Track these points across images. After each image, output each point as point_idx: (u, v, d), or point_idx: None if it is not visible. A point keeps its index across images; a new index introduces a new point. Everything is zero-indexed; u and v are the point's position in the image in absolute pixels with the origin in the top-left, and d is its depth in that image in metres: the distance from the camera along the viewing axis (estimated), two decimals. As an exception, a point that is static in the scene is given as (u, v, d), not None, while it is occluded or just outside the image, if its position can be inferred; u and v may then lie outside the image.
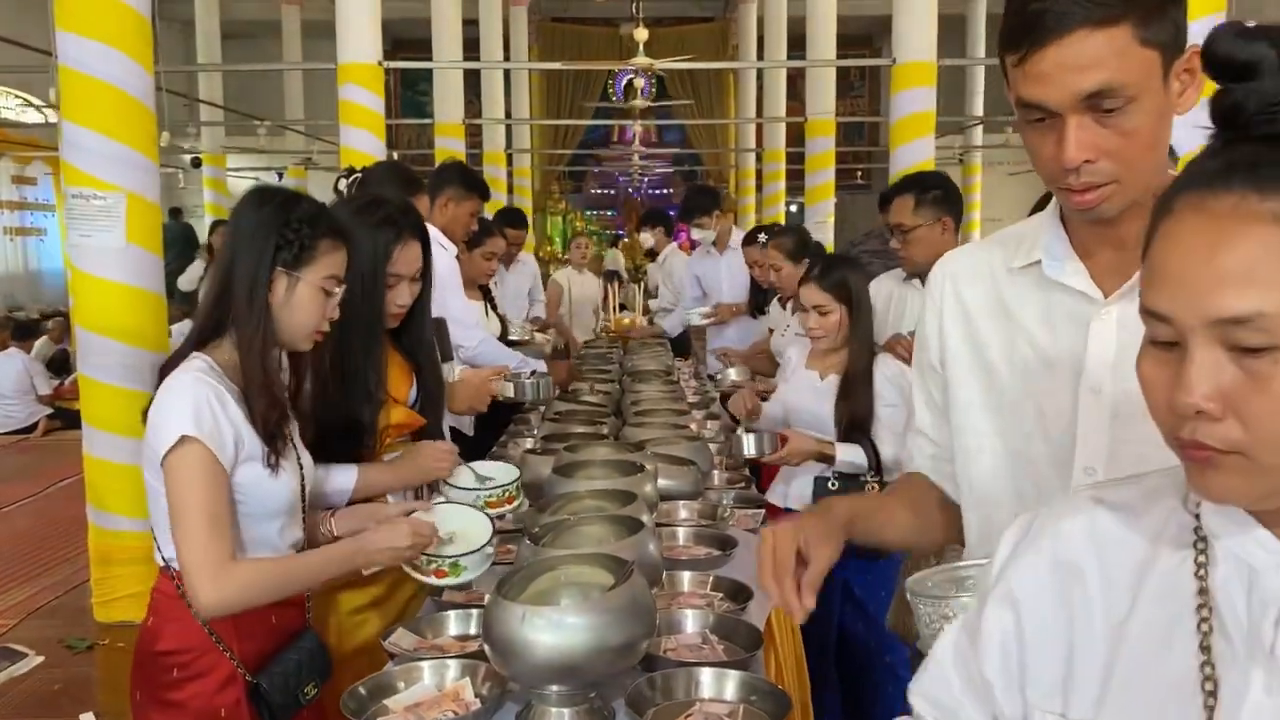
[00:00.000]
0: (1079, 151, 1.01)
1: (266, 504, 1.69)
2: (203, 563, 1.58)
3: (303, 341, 1.74)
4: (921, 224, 2.87)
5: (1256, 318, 0.64)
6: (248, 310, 1.65)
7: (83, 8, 3.66)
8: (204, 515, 1.59)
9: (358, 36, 5.99)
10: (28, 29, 7.68)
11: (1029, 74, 1.02)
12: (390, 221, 2.05)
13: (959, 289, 1.27)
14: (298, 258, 1.68)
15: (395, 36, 14.55)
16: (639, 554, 1.65)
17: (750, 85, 14.01)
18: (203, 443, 1.57)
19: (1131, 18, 0.98)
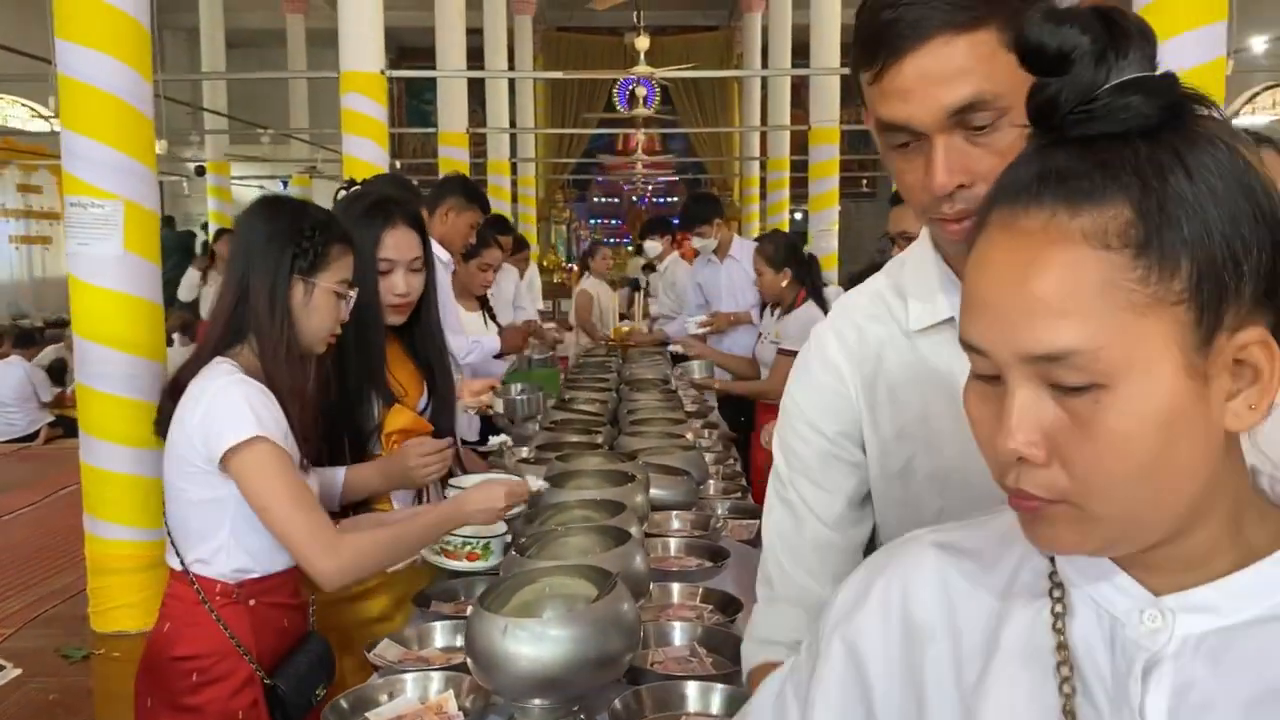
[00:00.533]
0: (950, 175, 0.89)
1: None
2: (314, 539, 1.66)
3: (318, 345, 1.81)
4: None
5: (1071, 354, 0.55)
6: (270, 318, 1.72)
7: (81, 16, 3.66)
8: (297, 501, 1.66)
9: (360, 45, 5.99)
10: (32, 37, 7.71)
11: (887, 91, 0.90)
12: (378, 207, 2.06)
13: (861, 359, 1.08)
14: (313, 264, 1.75)
15: (400, 45, 14.60)
16: (625, 565, 1.64)
17: (754, 93, 14.01)
18: (268, 438, 1.65)
19: (996, 20, 0.87)
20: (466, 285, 3.98)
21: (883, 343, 1.08)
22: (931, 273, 1.04)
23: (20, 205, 12.26)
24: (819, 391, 1.11)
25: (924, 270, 1.05)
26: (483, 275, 4.05)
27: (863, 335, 1.09)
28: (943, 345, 1.03)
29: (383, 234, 2.05)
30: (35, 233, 12.52)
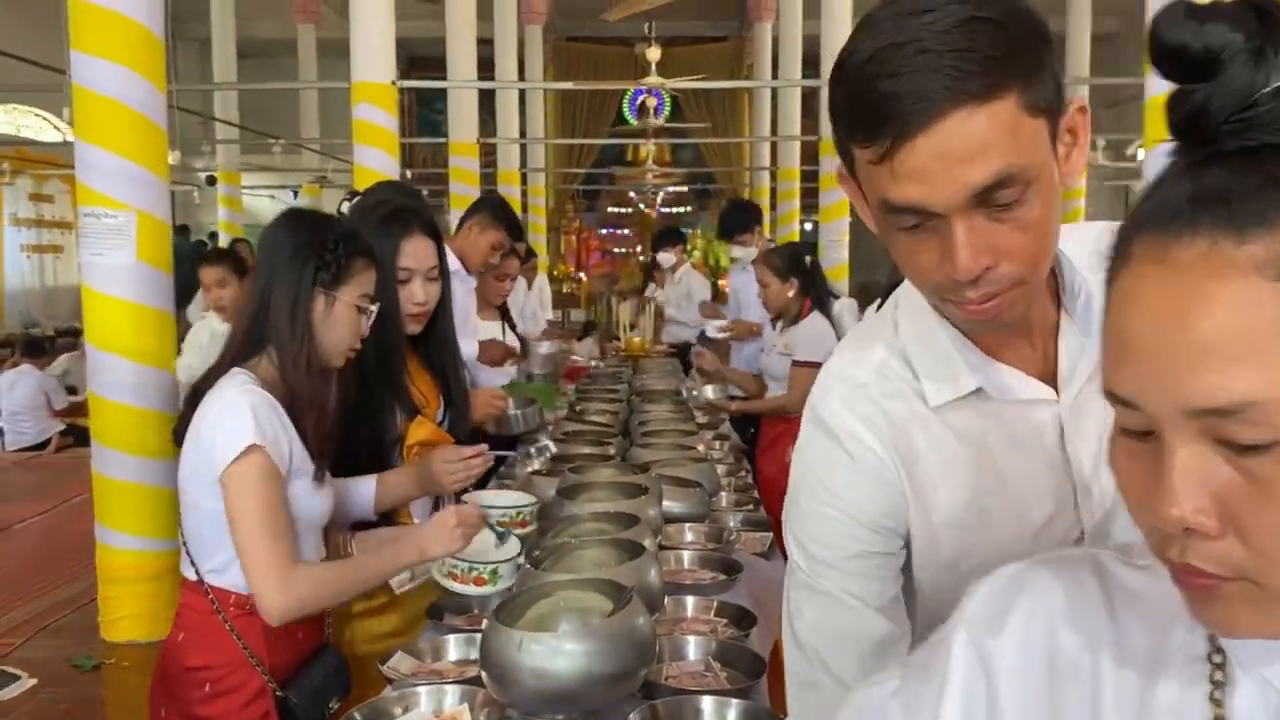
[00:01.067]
0: (976, 260, 0.80)
1: (306, 519, 1.75)
2: (270, 567, 1.63)
3: (337, 359, 1.81)
4: None
5: (1247, 407, 0.47)
6: (290, 330, 1.72)
7: (96, 28, 3.68)
8: (267, 521, 1.63)
9: (372, 56, 6.01)
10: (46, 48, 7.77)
11: (900, 173, 0.79)
12: (397, 215, 2.05)
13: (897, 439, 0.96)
14: (335, 277, 1.75)
15: (411, 55, 14.64)
16: (639, 579, 1.63)
17: (765, 104, 14.03)
18: (266, 451, 1.63)
19: (1014, 84, 0.77)
20: (483, 294, 3.97)
21: (908, 422, 0.97)
22: (943, 344, 0.95)
23: (32, 214, 12.32)
24: (859, 476, 0.97)
25: (932, 343, 0.96)
26: (499, 285, 4.01)
27: (888, 416, 0.97)
28: (973, 419, 0.95)
29: (401, 243, 2.04)
30: (47, 242, 12.58)
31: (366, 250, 1.81)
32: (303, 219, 1.83)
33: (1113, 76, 11.83)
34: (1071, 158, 0.85)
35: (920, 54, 0.76)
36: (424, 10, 10.54)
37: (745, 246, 5.15)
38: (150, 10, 3.75)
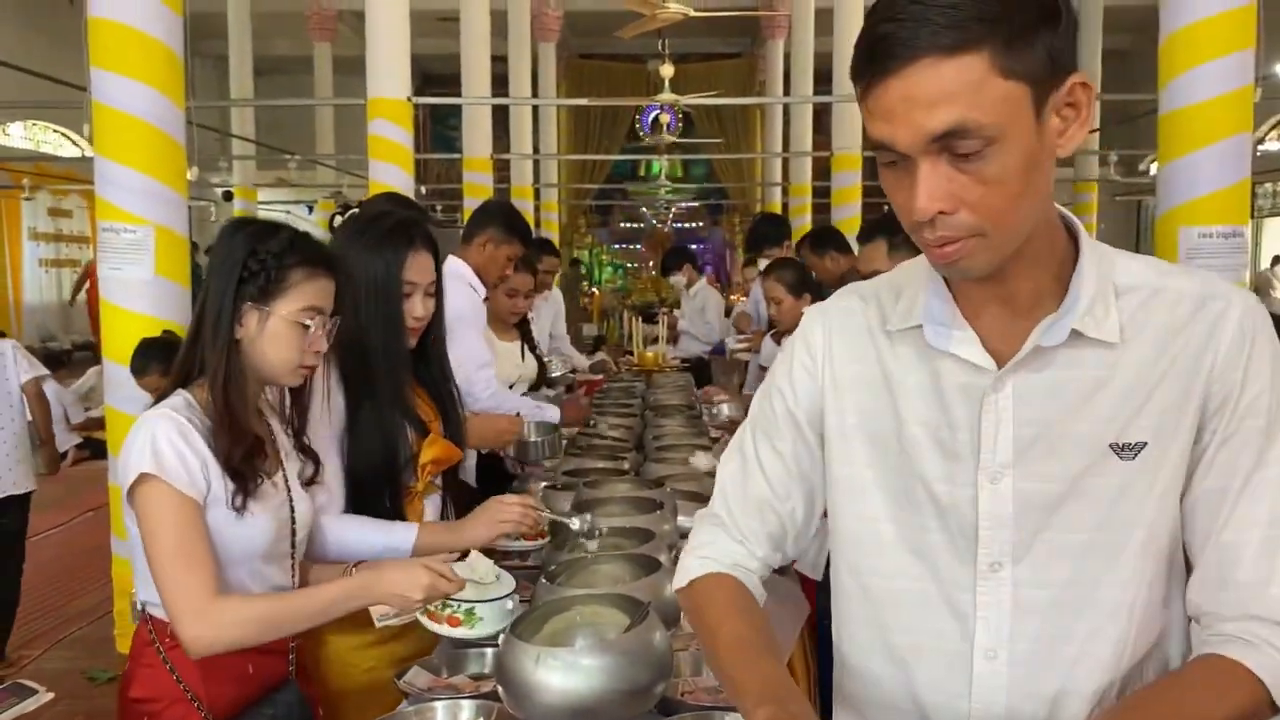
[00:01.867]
0: (930, 201, 0.87)
1: (234, 549, 1.62)
2: (184, 600, 1.52)
3: (286, 377, 1.68)
4: None
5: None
6: (213, 346, 1.61)
7: (116, 45, 3.72)
8: (177, 551, 1.53)
9: (387, 73, 6.06)
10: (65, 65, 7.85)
11: (873, 110, 0.88)
12: (401, 228, 2.00)
13: (833, 349, 1.10)
14: (265, 290, 1.61)
15: (425, 72, 14.75)
16: (656, 594, 1.63)
17: (776, 120, 14.07)
18: (164, 479, 1.52)
19: (990, 44, 0.83)
20: (497, 313, 3.78)
21: (863, 333, 1.08)
22: (922, 284, 1.04)
23: (51, 229, 12.42)
24: (791, 366, 1.13)
25: (915, 281, 1.06)
26: (511, 302, 3.84)
27: (847, 326, 1.10)
28: (914, 356, 1.04)
29: (407, 256, 1.98)
30: (65, 256, 12.68)
31: (312, 259, 1.65)
32: (240, 228, 1.68)
33: (1124, 92, 11.82)
34: (1069, 131, 0.90)
35: (915, 4, 0.84)
36: (439, 28, 10.63)
37: None
38: (169, 28, 3.79)
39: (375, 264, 1.94)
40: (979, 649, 1.01)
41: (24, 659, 4.35)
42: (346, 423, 1.93)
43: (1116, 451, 0.96)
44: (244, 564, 1.64)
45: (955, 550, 1.01)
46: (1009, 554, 0.99)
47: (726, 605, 1.10)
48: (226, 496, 1.59)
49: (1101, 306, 0.96)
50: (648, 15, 7.78)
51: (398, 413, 1.96)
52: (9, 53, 7.75)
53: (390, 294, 1.95)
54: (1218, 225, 3.99)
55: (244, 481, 1.61)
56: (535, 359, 4.07)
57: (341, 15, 14.07)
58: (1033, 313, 0.98)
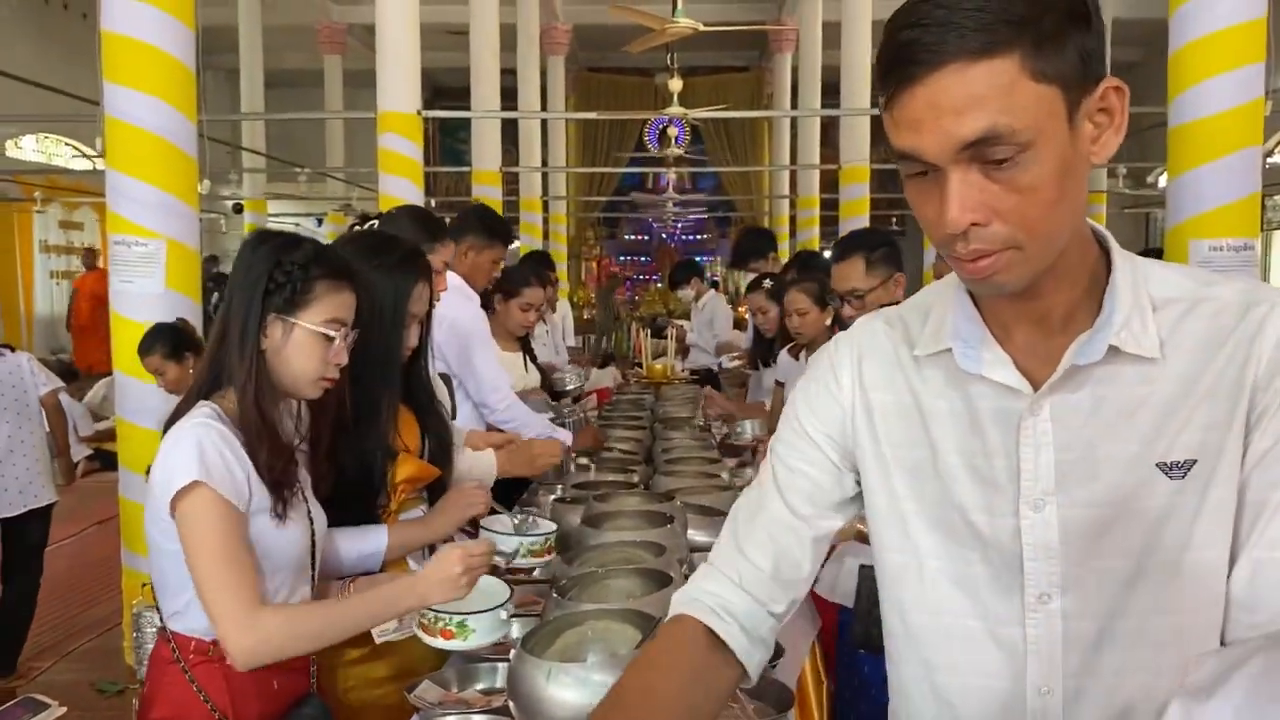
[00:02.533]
0: (963, 213, 0.83)
1: (274, 558, 1.62)
2: (230, 607, 1.51)
3: (307, 389, 1.68)
4: (876, 285, 2.67)
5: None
6: (239, 357, 1.61)
7: (129, 60, 3.75)
8: (224, 560, 1.52)
9: (397, 86, 6.10)
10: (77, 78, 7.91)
11: (898, 119, 0.85)
12: (410, 260, 2.03)
13: (864, 376, 1.05)
14: (291, 301, 1.62)
15: (435, 85, 14.82)
16: (667, 609, 1.62)
17: (784, 133, 14.10)
18: (212, 487, 1.52)
19: (1020, 46, 0.80)
20: (506, 325, 3.84)
21: (889, 360, 1.04)
22: (949, 305, 1.00)
23: (62, 241, 12.49)
24: (814, 391, 1.09)
25: (942, 302, 1.01)
26: (523, 315, 3.87)
27: (873, 351, 1.06)
28: (943, 382, 1.00)
29: (413, 289, 2.01)
30: (76, 268, 12.74)
31: (335, 271, 1.67)
32: (264, 240, 1.69)
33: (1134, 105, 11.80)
34: (1103, 138, 0.87)
35: (939, 8, 0.81)
36: (448, 41, 10.67)
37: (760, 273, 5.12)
38: (182, 42, 3.81)
39: (384, 291, 1.95)
40: (1031, 686, 0.96)
41: (34, 671, 4.36)
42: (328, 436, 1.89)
43: (1164, 471, 0.92)
44: (280, 574, 1.64)
45: (1000, 583, 0.96)
46: (1057, 584, 0.94)
47: (649, 655, 1.08)
48: (269, 505, 1.61)
49: (1139, 320, 0.92)
50: (656, 30, 7.81)
51: (380, 437, 1.95)
52: (23, 67, 7.80)
53: (395, 322, 1.97)
54: (1228, 238, 3.99)
55: (281, 490, 1.62)
56: (537, 370, 4.09)
57: (352, 29, 14.15)
58: (1066, 330, 0.94)
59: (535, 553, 2.06)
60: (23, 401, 4.40)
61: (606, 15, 9.05)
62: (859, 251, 2.70)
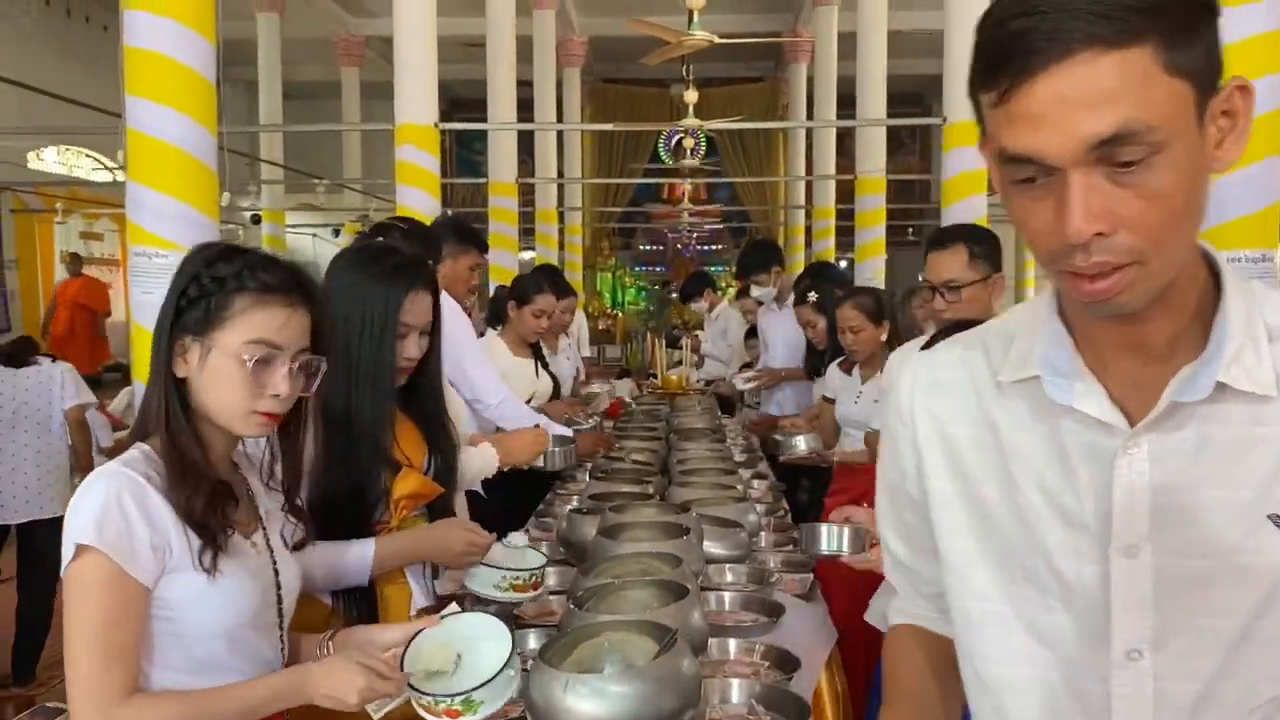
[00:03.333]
0: (1088, 221, 0.75)
1: (206, 620, 1.39)
2: (88, 696, 1.30)
3: (239, 423, 1.42)
4: (977, 279, 2.49)
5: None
6: (152, 385, 1.42)
7: (151, 74, 3.79)
8: (94, 643, 1.30)
9: (415, 99, 6.13)
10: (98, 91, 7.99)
11: (1014, 115, 0.76)
12: (403, 269, 1.97)
13: (932, 405, 0.98)
14: (205, 319, 1.39)
15: (452, 97, 14.89)
16: (684, 621, 1.63)
17: (800, 143, 14.10)
18: (102, 551, 1.30)
19: (1153, 36, 0.73)
20: (518, 332, 3.94)
21: (963, 389, 0.96)
22: (1038, 328, 0.91)
23: (83, 252, 12.59)
24: (889, 430, 1.05)
25: (1031, 326, 0.92)
26: (535, 322, 3.95)
27: (941, 375, 0.99)
28: (1027, 413, 0.91)
29: (405, 298, 1.93)
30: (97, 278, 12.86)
31: (266, 286, 1.41)
32: (196, 251, 1.47)
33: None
34: (1225, 143, 0.80)
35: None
36: (465, 54, 10.73)
37: (763, 286, 5.11)
38: (203, 56, 3.85)
39: (374, 301, 1.90)
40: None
41: (52, 679, 4.38)
42: (317, 454, 1.85)
43: (1278, 524, 0.82)
44: (221, 637, 1.41)
45: (1083, 634, 0.88)
46: (1149, 640, 0.85)
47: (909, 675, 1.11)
48: (192, 557, 1.36)
49: (1252, 353, 0.83)
50: (672, 42, 7.84)
51: (374, 450, 1.90)
52: (45, 80, 7.88)
53: (385, 333, 1.90)
54: (1246, 250, 3.96)
55: (210, 534, 1.38)
56: (549, 376, 4.12)
57: (369, 41, 14.24)
58: (1169, 361, 0.85)
59: (518, 587, 1.97)
60: (45, 413, 4.43)
61: (622, 27, 9.09)
62: (962, 240, 2.52)
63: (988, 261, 2.52)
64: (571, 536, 2.46)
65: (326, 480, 1.86)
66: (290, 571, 1.55)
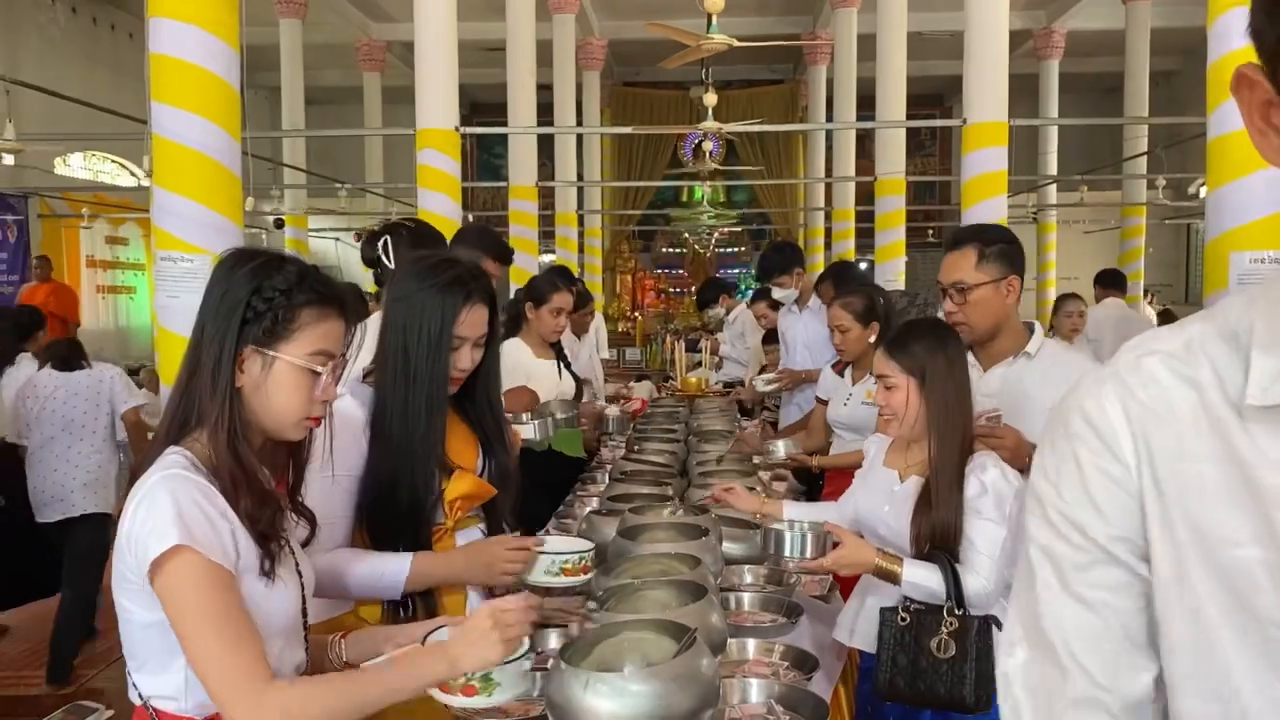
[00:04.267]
0: None
1: (267, 622, 1.40)
2: (239, 690, 1.30)
3: (290, 430, 1.48)
4: (986, 281, 2.41)
5: None
6: (211, 395, 1.41)
7: (176, 80, 3.83)
8: (223, 632, 1.31)
9: (436, 103, 6.17)
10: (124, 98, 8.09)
11: None
12: (459, 282, 1.96)
13: (1152, 443, 0.72)
14: (272, 332, 1.43)
15: (473, 101, 14.97)
16: (703, 621, 1.64)
17: (820, 145, 14.09)
18: (197, 550, 1.31)
19: None
20: (539, 333, 3.93)
21: (1195, 415, 0.71)
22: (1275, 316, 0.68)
23: (109, 257, 12.73)
24: (1086, 474, 0.75)
25: (1265, 314, 0.70)
26: (554, 320, 3.92)
27: (1165, 397, 0.72)
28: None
29: (461, 310, 1.93)
30: (121, 283, 12.99)
31: (322, 298, 1.47)
32: (242, 259, 1.47)
33: (1173, 114, 11.69)
34: None
35: None
36: (486, 58, 10.79)
37: (785, 289, 5.09)
38: (227, 63, 3.89)
39: (430, 312, 1.91)
40: None
41: (82, 677, 4.45)
42: (368, 464, 1.87)
43: None
44: (274, 640, 1.42)
45: None
46: None
47: None
48: (257, 563, 1.39)
49: None
50: (691, 46, 7.85)
51: (427, 456, 1.90)
52: (72, 87, 7.99)
53: (440, 345, 1.90)
54: (1270, 250, 3.94)
55: (270, 544, 1.41)
56: (572, 377, 4.09)
57: (391, 46, 14.34)
58: None
59: (569, 571, 1.96)
60: (92, 415, 4.50)
61: (642, 31, 9.12)
62: (974, 242, 2.46)
63: (1001, 263, 2.45)
64: (591, 537, 2.47)
65: (383, 486, 1.87)
66: (311, 573, 1.55)
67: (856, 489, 2.36)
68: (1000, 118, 6.16)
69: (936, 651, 1.93)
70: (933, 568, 1.99)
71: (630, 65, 15.86)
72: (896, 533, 2.11)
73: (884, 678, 1.98)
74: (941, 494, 2.02)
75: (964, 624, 1.94)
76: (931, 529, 2.02)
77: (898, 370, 2.13)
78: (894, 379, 2.14)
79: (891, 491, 2.18)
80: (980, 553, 1.98)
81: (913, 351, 2.13)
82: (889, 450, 2.28)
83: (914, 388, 2.11)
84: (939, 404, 2.08)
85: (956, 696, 1.91)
